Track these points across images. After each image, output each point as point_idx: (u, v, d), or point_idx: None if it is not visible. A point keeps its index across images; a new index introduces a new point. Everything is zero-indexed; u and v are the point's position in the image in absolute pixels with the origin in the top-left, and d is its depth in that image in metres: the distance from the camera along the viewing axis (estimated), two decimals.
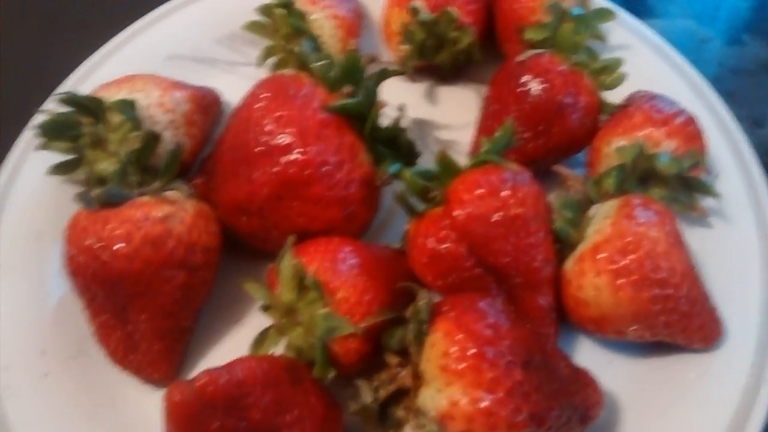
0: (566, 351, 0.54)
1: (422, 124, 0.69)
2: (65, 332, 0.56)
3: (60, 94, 0.57)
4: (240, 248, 0.58)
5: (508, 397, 0.43)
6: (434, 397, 0.44)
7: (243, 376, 0.44)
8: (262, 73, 0.68)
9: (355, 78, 0.55)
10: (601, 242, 0.52)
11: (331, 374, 0.49)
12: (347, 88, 0.54)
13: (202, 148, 0.64)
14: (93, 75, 0.68)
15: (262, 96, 0.54)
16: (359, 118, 0.54)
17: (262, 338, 0.52)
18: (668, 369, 0.55)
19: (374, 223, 0.58)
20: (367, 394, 0.47)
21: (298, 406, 0.46)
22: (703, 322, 0.53)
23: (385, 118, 0.55)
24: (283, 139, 0.52)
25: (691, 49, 0.75)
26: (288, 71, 0.58)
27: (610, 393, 0.52)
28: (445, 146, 0.63)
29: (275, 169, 0.52)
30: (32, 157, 0.62)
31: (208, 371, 0.43)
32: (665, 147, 0.58)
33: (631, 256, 0.50)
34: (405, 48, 0.69)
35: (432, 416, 0.44)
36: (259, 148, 0.53)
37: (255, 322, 0.57)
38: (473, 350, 0.44)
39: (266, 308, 0.52)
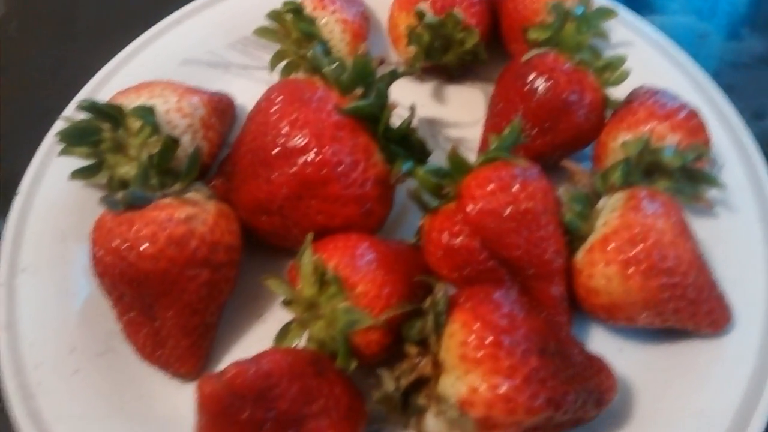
0: (579, 339, 0.55)
1: (431, 123, 0.71)
2: (93, 330, 0.57)
3: (80, 101, 0.59)
4: (260, 247, 0.60)
5: (526, 383, 0.45)
6: (454, 385, 0.46)
7: (270, 368, 0.45)
8: (275, 76, 0.70)
9: (367, 80, 0.57)
10: (610, 233, 0.53)
11: (353, 365, 0.51)
12: (359, 91, 0.56)
13: (219, 151, 0.65)
14: (111, 80, 0.70)
15: (277, 100, 0.56)
16: (372, 119, 0.56)
17: (284, 332, 0.54)
18: (679, 354, 0.57)
19: (388, 220, 0.60)
20: (389, 383, 0.49)
21: (324, 396, 0.47)
22: (711, 308, 0.55)
23: (397, 118, 0.57)
24: (300, 141, 0.54)
25: (690, 44, 0.77)
26: (300, 75, 0.59)
27: (622, 378, 0.53)
28: (455, 144, 0.64)
29: (293, 170, 0.54)
30: (55, 162, 0.64)
31: (237, 363, 0.45)
32: (669, 141, 0.60)
33: (640, 246, 0.52)
34: (412, 50, 0.70)
35: (453, 403, 0.46)
36: (276, 150, 0.54)
37: (276, 317, 0.58)
38: (490, 339, 0.46)
39: (288, 303, 0.54)
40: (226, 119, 0.67)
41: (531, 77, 0.62)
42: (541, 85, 0.61)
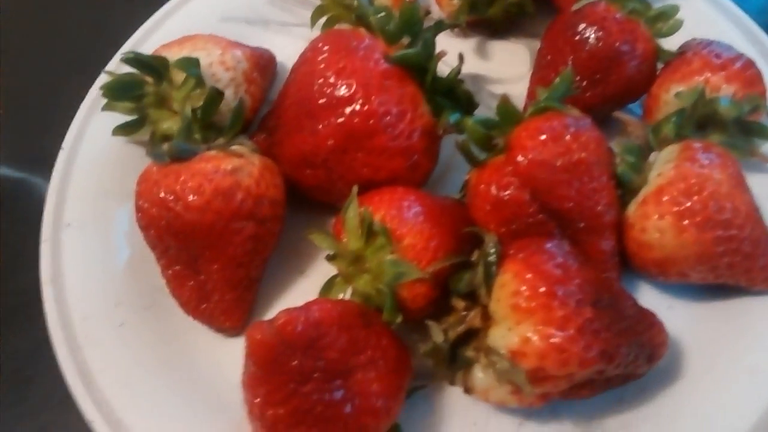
0: None
1: (475, 78, 0.70)
2: (138, 284, 0.58)
3: (124, 54, 0.58)
4: (303, 203, 0.59)
5: (579, 334, 0.44)
6: (505, 336, 0.45)
7: (320, 317, 0.45)
8: (315, 33, 0.68)
9: (414, 30, 0.56)
10: (665, 185, 0.52)
11: (399, 319, 0.50)
12: (405, 40, 0.55)
13: (260, 107, 0.65)
14: (151, 37, 0.69)
15: (323, 50, 0.55)
16: (419, 69, 0.55)
17: (329, 286, 0.53)
18: (730, 311, 0.56)
19: (432, 176, 0.59)
20: (437, 335, 0.48)
21: (371, 347, 0.47)
22: (766, 263, 0.53)
23: (442, 70, 0.56)
24: (347, 90, 0.53)
25: None
26: (345, 25, 0.58)
27: (672, 335, 0.52)
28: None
29: (339, 121, 0.53)
30: (97, 118, 0.64)
31: (287, 311, 0.45)
32: (724, 92, 0.58)
33: (695, 198, 0.51)
34: (457, 2, 0.69)
35: (503, 354, 0.45)
36: (322, 100, 0.53)
37: (320, 272, 0.58)
38: (543, 289, 0.45)
39: (332, 258, 0.53)
40: (268, 75, 0.66)
41: (581, 27, 0.60)
42: (591, 35, 0.59)
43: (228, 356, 0.54)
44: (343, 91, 0.53)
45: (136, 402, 0.52)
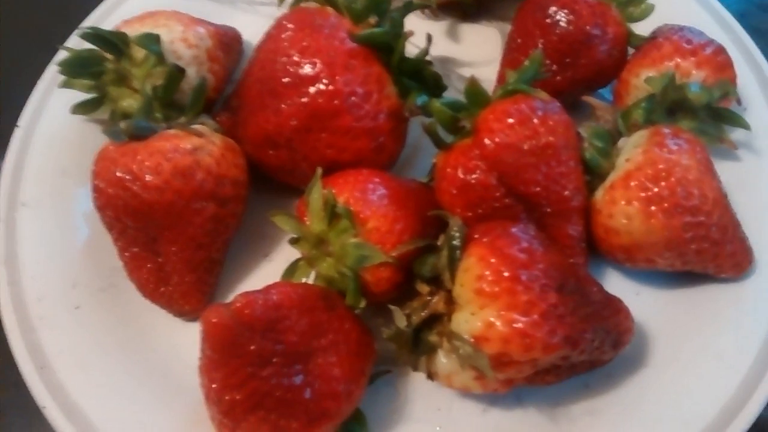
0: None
1: (445, 62, 0.69)
2: (95, 266, 0.56)
3: (83, 29, 0.56)
4: (266, 185, 0.58)
5: (543, 319, 0.44)
6: (468, 321, 0.44)
7: (279, 300, 0.44)
8: (282, 12, 0.67)
9: (380, 9, 0.54)
10: (633, 170, 0.51)
11: (363, 303, 0.49)
12: (372, 19, 0.54)
13: (224, 87, 0.63)
14: (113, 14, 0.67)
15: (288, 27, 0.54)
16: (386, 49, 0.53)
17: (292, 269, 0.52)
18: (697, 298, 0.56)
19: (399, 160, 0.58)
20: (400, 320, 0.47)
21: (333, 330, 0.46)
22: (734, 250, 0.53)
23: (412, 51, 0.54)
24: (311, 69, 0.52)
25: None
26: (311, 3, 0.57)
27: (639, 322, 0.52)
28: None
29: (303, 100, 0.52)
30: (56, 95, 0.62)
31: (245, 294, 0.44)
32: (695, 77, 0.57)
33: (663, 183, 0.50)
34: None
35: (466, 339, 0.44)
36: (286, 79, 0.52)
37: (284, 256, 0.57)
38: (507, 273, 0.44)
39: (295, 241, 0.52)
40: (232, 53, 0.65)
41: (552, 10, 0.59)
42: (562, 17, 0.59)
43: (187, 339, 0.53)
44: (307, 69, 0.51)
45: (92, 386, 0.51)
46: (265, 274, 0.58)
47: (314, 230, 0.50)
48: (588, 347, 0.46)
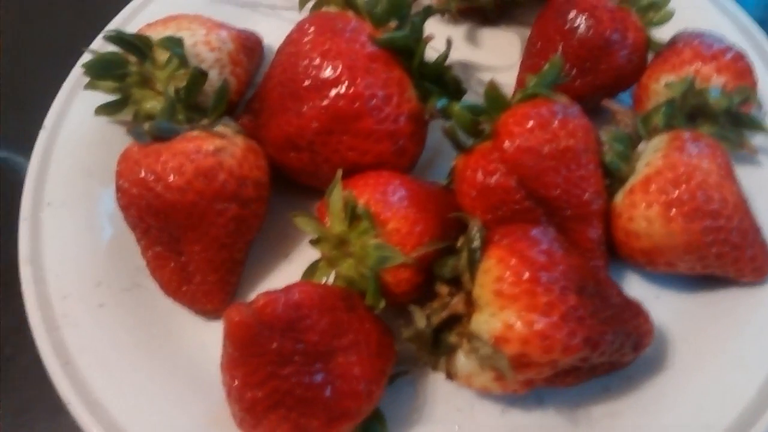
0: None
1: (464, 66, 0.69)
2: (119, 265, 0.57)
3: (107, 32, 0.57)
4: (287, 187, 0.59)
5: (563, 320, 0.44)
6: (488, 322, 0.45)
7: (300, 299, 0.44)
8: (303, 16, 0.67)
9: (401, 13, 0.55)
10: (653, 174, 0.51)
11: (382, 303, 0.49)
12: (393, 23, 0.54)
13: (246, 90, 0.64)
14: (138, 16, 0.68)
15: (309, 31, 0.54)
16: (406, 52, 0.54)
17: (312, 269, 0.52)
18: (717, 303, 0.55)
19: (419, 163, 0.58)
20: (420, 320, 0.47)
21: (353, 330, 0.46)
22: (754, 254, 0.53)
23: (431, 55, 0.55)
24: (332, 72, 0.52)
25: None
26: (332, 8, 0.57)
27: (659, 326, 0.52)
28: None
29: (325, 103, 0.52)
30: (80, 97, 0.63)
31: (267, 293, 0.44)
32: (715, 83, 0.57)
33: (683, 187, 0.50)
34: None
35: (486, 340, 0.45)
36: (307, 82, 0.53)
37: (304, 257, 0.57)
38: (527, 275, 0.44)
39: (316, 242, 0.53)
40: (254, 57, 0.65)
41: (572, 15, 0.59)
42: (582, 23, 0.59)
43: (209, 338, 0.53)
44: (328, 72, 0.52)
45: (115, 383, 0.51)
46: (285, 274, 0.58)
47: (335, 231, 0.51)
48: (608, 349, 0.46)
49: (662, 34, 0.62)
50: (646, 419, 0.51)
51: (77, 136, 0.62)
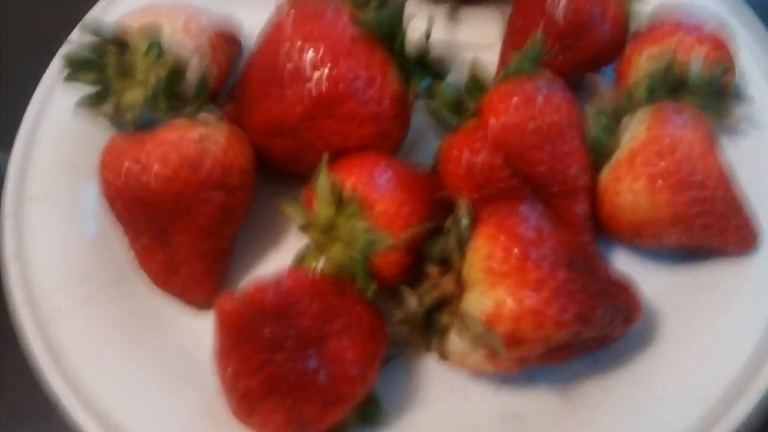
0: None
1: (446, 46, 0.69)
2: (106, 258, 0.56)
3: (85, 23, 0.57)
4: (272, 175, 0.58)
5: (554, 296, 0.44)
6: (479, 300, 0.45)
7: (291, 285, 0.44)
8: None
9: None
10: (638, 147, 0.52)
11: (373, 287, 0.49)
12: (374, 5, 0.54)
13: (227, 78, 0.63)
14: (115, 6, 0.67)
15: (289, 15, 0.54)
16: (388, 34, 0.53)
17: (301, 256, 0.52)
18: (704, 275, 0.56)
19: (404, 146, 0.58)
20: (411, 302, 0.47)
21: (345, 314, 0.46)
22: (739, 224, 0.53)
23: (411, 37, 0.55)
24: (314, 55, 0.52)
25: None
26: None
27: (647, 300, 0.52)
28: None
29: (307, 87, 0.52)
30: (61, 89, 0.62)
31: (257, 280, 0.44)
32: (696, 54, 0.57)
33: (668, 159, 0.50)
34: None
35: (478, 319, 0.45)
36: (289, 66, 0.52)
37: (292, 245, 0.56)
38: (517, 251, 0.45)
39: (304, 228, 0.52)
40: (234, 45, 0.65)
41: None
42: None
43: (200, 329, 0.53)
44: (310, 56, 0.51)
45: (107, 377, 0.51)
46: (274, 262, 0.58)
47: (322, 216, 0.51)
48: (599, 324, 0.47)
49: (644, 8, 0.61)
50: (638, 393, 0.51)
51: (59, 129, 0.61)
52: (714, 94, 0.58)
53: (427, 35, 0.54)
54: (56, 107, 0.62)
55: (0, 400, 0.57)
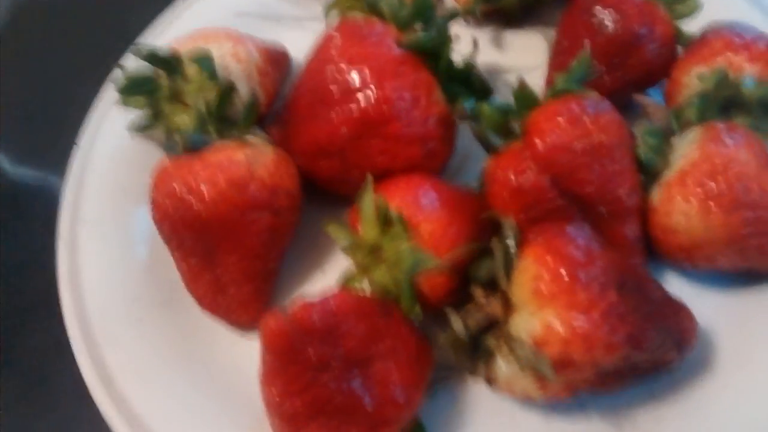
0: None
1: (490, 69, 0.69)
2: (155, 280, 0.57)
3: (137, 48, 0.58)
4: (317, 197, 0.58)
5: (604, 318, 0.43)
6: (527, 323, 0.44)
7: (336, 306, 0.44)
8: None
9: (426, 16, 0.55)
10: (689, 167, 0.51)
11: (418, 309, 0.49)
12: (418, 26, 0.54)
13: (274, 102, 0.64)
14: (165, 33, 0.69)
15: (335, 38, 0.54)
16: (432, 55, 0.54)
17: (347, 277, 0.52)
18: (762, 301, 0.54)
19: (449, 168, 0.58)
20: (457, 324, 0.47)
21: (390, 336, 0.46)
22: None
23: (456, 58, 0.55)
24: (360, 77, 0.52)
25: None
26: (357, 14, 0.57)
27: (703, 327, 0.50)
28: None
29: (353, 108, 0.52)
30: (113, 114, 0.64)
31: (303, 301, 0.44)
32: (748, 72, 0.56)
33: (721, 179, 0.49)
34: None
35: (525, 342, 0.44)
36: (335, 88, 0.53)
37: (337, 267, 0.57)
38: (565, 272, 0.44)
39: (348, 249, 0.52)
40: (281, 68, 0.66)
41: (598, 11, 0.59)
42: (608, 18, 0.58)
43: (247, 350, 0.53)
44: (355, 77, 0.52)
45: (155, 398, 0.51)
46: (319, 284, 0.58)
47: (367, 238, 0.51)
48: (651, 346, 0.45)
49: (691, 27, 0.61)
50: (692, 424, 0.49)
51: (111, 153, 0.63)
52: (766, 113, 0.57)
53: (472, 55, 0.54)
54: (108, 132, 0.64)
55: (48, 422, 0.57)
